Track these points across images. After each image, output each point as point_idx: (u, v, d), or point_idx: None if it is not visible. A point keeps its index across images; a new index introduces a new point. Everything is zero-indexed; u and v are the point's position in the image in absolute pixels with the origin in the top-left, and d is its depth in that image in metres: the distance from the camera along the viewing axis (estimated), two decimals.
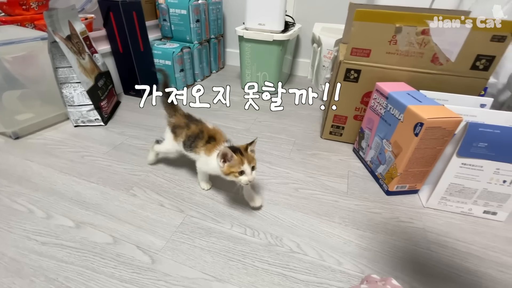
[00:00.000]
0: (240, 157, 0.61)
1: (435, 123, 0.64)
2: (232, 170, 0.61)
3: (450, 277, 0.58)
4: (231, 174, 0.61)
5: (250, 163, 0.61)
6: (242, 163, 0.60)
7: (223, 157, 0.61)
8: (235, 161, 0.60)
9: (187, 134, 0.72)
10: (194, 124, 0.72)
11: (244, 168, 0.60)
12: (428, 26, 0.75)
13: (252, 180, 0.62)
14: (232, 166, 0.61)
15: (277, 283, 0.55)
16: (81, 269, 0.56)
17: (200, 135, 0.70)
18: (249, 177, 0.61)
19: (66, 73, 0.96)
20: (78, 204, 0.71)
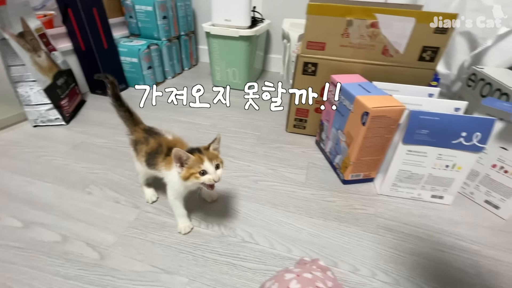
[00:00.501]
0: (198, 156, 0.53)
1: (380, 112, 0.67)
2: (192, 171, 0.53)
3: (393, 258, 0.61)
4: (192, 177, 0.53)
5: (212, 160, 0.54)
6: (202, 161, 0.53)
7: (178, 160, 0.53)
8: (192, 161, 0.53)
9: (146, 152, 0.63)
10: (153, 138, 0.64)
11: (205, 167, 0.53)
12: (376, 19, 0.78)
13: (217, 179, 0.53)
14: (190, 167, 0.53)
15: (225, 272, 0.56)
16: (25, 269, 0.55)
17: (159, 150, 0.61)
18: (213, 175, 0.53)
19: (20, 72, 0.93)
20: (30, 204, 0.69)
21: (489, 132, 0.64)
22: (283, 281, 0.36)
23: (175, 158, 0.52)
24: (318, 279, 0.35)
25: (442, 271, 0.59)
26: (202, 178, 0.53)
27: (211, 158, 0.54)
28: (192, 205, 0.72)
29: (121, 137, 0.99)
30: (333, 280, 0.36)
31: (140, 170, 0.69)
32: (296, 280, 0.35)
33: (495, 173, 0.71)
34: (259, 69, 1.66)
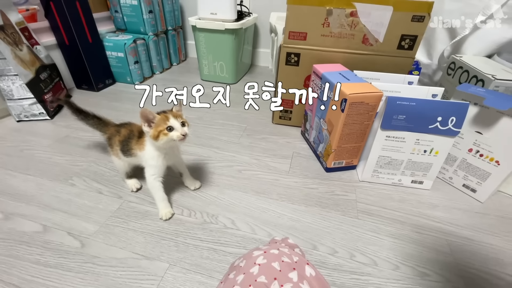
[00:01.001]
0: (164, 114, 0.57)
1: (357, 98, 0.68)
2: (160, 129, 0.55)
3: (371, 241, 0.62)
4: (161, 135, 0.56)
5: (177, 118, 0.57)
6: (167, 119, 0.56)
7: (146, 120, 0.56)
8: (159, 119, 0.56)
9: (119, 140, 0.67)
10: (123, 127, 0.68)
11: (171, 123, 0.56)
12: (355, 8, 0.79)
13: (184, 133, 0.56)
14: (158, 125, 0.56)
15: (205, 257, 0.57)
16: (4, 258, 0.55)
17: (131, 135, 0.65)
18: (180, 130, 0.56)
19: (1, 65, 0.92)
20: (10, 196, 0.69)
21: (463, 116, 0.66)
22: (250, 258, 0.36)
23: (142, 118, 0.55)
24: (284, 255, 0.36)
25: (418, 251, 0.60)
26: (170, 134, 0.56)
27: (176, 116, 0.57)
28: (175, 193, 0.73)
29: None
30: (300, 256, 0.37)
31: (118, 164, 0.71)
32: (262, 256, 0.36)
33: (472, 157, 0.73)
34: (247, 63, 1.66)
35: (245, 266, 0.35)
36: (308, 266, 0.35)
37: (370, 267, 0.56)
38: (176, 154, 0.69)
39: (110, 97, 1.27)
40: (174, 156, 0.67)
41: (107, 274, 0.53)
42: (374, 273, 0.55)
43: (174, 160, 0.68)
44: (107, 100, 1.23)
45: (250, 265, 0.35)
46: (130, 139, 0.65)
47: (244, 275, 0.33)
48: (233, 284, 0.33)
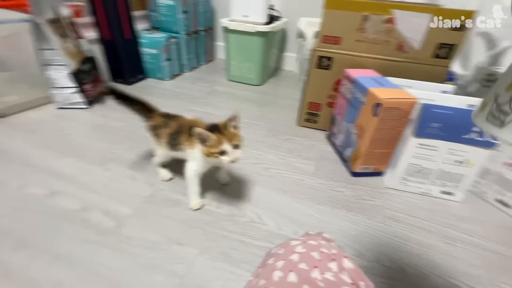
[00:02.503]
0: (219, 136, 0.55)
1: (392, 104, 0.68)
2: (212, 151, 0.55)
3: (399, 247, 0.61)
4: (212, 156, 0.56)
5: (231, 140, 0.55)
6: (221, 142, 0.55)
7: (200, 139, 0.56)
8: (213, 140, 0.55)
9: (168, 133, 0.66)
10: (172, 120, 0.68)
11: (224, 148, 0.55)
12: (393, 14, 0.79)
13: (234, 160, 0.56)
14: (211, 146, 0.55)
15: (233, 247, 0.58)
16: (48, 231, 0.59)
17: (181, 130, 0.64)
18: (230, 156, 0.55)
19: (50, 55, 0.99)
20: (53, 176, 0.74)
21: None
22: (289, 247, 0.37)
23: (197, 136, 0.55)
24: (322, 246, 0.37)
25: (448, 262, 0.59)
26: (221, 157, 0.56)
27: (230, 138, 0.56)
28: (205, 185, 0.75)
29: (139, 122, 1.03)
30: (337, 249, 0.37)
31: (159, 153, 0.72)
32: (301, 245, 0.37)
33: (508, 171, 0.71)
34: (273, 67, 1.68)
35: (284, 253, 0.36)
36: (346, 259, 0.36)
37: (398, 273, 0.56)
38: None
39: (141, 91, 1.32)
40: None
41: (141, 254, 0.55)
42: (402, 279, 0.55)
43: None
44: (139, 94, 1.28)
45: (289, 252, 0.36)
46: (180, 134, 0.64)
47: (284, 261, 0.35)
48: (273, 268, 0.34)
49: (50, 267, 0.52)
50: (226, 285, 0.51)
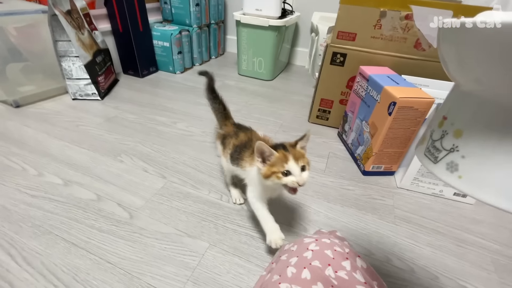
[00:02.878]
0: (283, 153, 0.47)
1: (407, 103, 0.67)
2: (274, 170, 0.46)
3: (409, 248, 0.61)
4: (273, 176, 0.46)
5: (298, 160, 0.46)
6: (286, 160, 0.46)
7: (261, 155, 0.48)
8: (276, 158, 0.47)
9: (234, 144, 0.60)
10: (243, 132, 0.62)
11: (289, 167, 0.45)
12: (411, 11, 0.77)
13: (302, 182, 0.46)
14: (273, 165, 0.46)
15: (244, 241, 0.59)
16: (65, 219, 0.60)
17: (247, 145, 0.57)
18: (298, 178, 0.45)
19: (65, 47, 1.00)
20: (68, 165, 0.76)
21: None
22: (302, 244, 0.38)
23: (257, 152, 0.47)
24: (336, 245, 0.37)
25: (459, 264, 0.58)
26: (284, 179, 0.46)
27: (297, 158, 0.47)
28: (214, 178, 0.76)
29: (150, 114, 1.05)
30: (350, 248, 0.37)
31: (225, 166, 0.66)
32: (315, 243, 0.37)
33: None
34: (284, 61, 1.67)
35: (297, 250, 0.37)
36: (359, 259, 0.36)
37: (407, 274, 0.56)
38: None
39: (153, 84, 1.33)
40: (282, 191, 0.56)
41: (153, 245, 0.57)
42: (412, 280, 0.54)
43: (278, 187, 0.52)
44: (150, 86, 1.30)
45: (303, 250, 0.36)
46: (245, 148, 0.57)
47: (297, 258, 0.35)
48: (286, 264, 0.35)
49: (67, 254, 0.53)
50: (236, 279, 0.52)
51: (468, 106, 0.23)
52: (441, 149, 0.24)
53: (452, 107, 0.25)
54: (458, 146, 0.23)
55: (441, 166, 0.24)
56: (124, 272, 0.51)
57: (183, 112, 1.09)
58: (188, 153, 0.85)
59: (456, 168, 0.23)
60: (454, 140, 0.23)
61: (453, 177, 0.23)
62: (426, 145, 0.27)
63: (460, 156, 0.23)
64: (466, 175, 0.22)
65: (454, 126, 0.24)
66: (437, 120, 0.26)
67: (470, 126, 0.22)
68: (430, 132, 0.27)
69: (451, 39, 0.23)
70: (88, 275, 0.50)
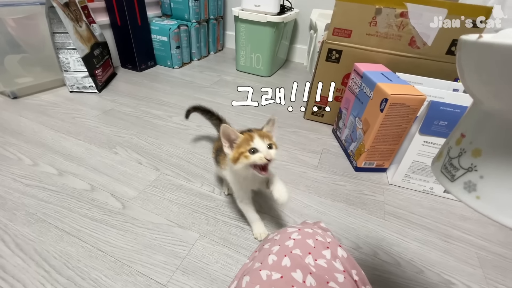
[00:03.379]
0: (249, 134, 0.48)
1: (399, 100, 0.67)
2: (241, 150, 0.47)
3: (396, 243, 0.62)
4: (242, 157, 0.47)
5: (264, 138, 0.48)
6: (252, 139, 0.47)
7: (227, 139, 0.49)
8: (242, 139, 0.48)
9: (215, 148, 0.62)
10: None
11: (255, 144, 0.46)
12: (406, 8, 0.77)
13: (269, 156, 0.46)
14: (239, 146, 0.47)
15: (233, 233, 0.60)
16: (58, 208, 0.61)
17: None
18: (264, 153, 0.46)
19: (63, 39, 1.00)
20: (64, 156, 0.77)
21: None
22: (285, 233, 0.39)
23: (223, 136, 0.48)
24: (318, 234, 0.38)
25: (445, 259, 0.59)
26: (252, 157, 0.46)
27: (263, 136, 0.48)
28: (207, 171, 0.77)
29: (147, 108, 1.06)
30: (332, 238, 0.38)
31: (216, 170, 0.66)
32: (297, 232, 0.38)
33: None
34: (283, 58, 1.67)
35: (280, 239, 0.37)
36: (340, 248, 0.37)
37: (393, 267, 0.57)
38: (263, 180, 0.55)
39: (151, 78, 1.34)
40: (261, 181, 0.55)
41: (144, 235, 0.58)
42: (397, 273, 0.56)
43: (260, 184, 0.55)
44: (148, 80, 1.30)
45: (285, 239, 0.37)
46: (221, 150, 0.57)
47: (279, 246, 0.36)
48: (268, 253, 0.36)
49: (59, 241, 0.54)
50: (224, 268, 0.53)
51: (487, 125, 0.23)
52: (459, 168, 0.24)
53: (470, 125, 0.25)
54: (477, 166, 0.23)
55: (459, 185, 0.24)
56: (115, 260, 0.52)
57: (179, 106, 1.09)
58: (183, 146, 0.86)
59: (474, 188, 0.23)
60: (473, 159, 0.23)
61: (471, 197, 0.23)
62: (443, 162, 0.26)
63: (479, 176, 0.22)
64: (484, 195, 0.22)
65: (473, 145, 0.23)
66: (455, 137, 0.26)
67: (490, 146, 0.22)
68: (448, 149, 0.26)
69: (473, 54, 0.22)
70: (79, 262, 0.51)
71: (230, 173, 0.56)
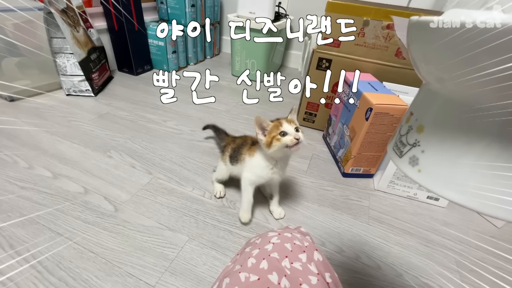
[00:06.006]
0: (278, 121, 0.57)
1: (383, 109, 0.70)
2: (273, 135, 0.55)
3: (379, 247, 0.64)
4: (274, 141, 0.55)
5: (290, 123, 0.56)
6: (281, 124, 0.55)
7: (260, 128, 0.58)
8: (272, 126, 0.56)
9: (232, 148, 0.70)
10: (240, 138, 0.74)
11: (284, 128, 0.55)
12: (392, 21, 0.80)
13: (298, 137, 0.54)
14: (271, 132, 0.56)
15: (221, 236, 0.62)
16: (52, 210, 0.63)
17: (244, 143, 0.68)
18: (293, 134, 0.54)
19: (60, 44, 1.03)
20: (59, 159, 0.79)
21: None
22: (266, 237, 0.41)
23: (257, 125, 0.57)
24: (296, 239, 0.40)
25: (424, 263, 0.62)
26: (283, 139, 0.54)
27: (289, 122, 0.57)
28: (199, 176, 0.79)
29: (142, 112, 1.08)
30: (310, 242, 0.41)
31: (221, 169, 0.72)
32: (277, 237, 0.40)
33: None
34: (278, 63, 1.70)
35: (260, 243, 0.40)
36: (316, 252, 0.39)
37: (374, 270, 0.59)
38: (283, 170, 0.64)
39: (146, 82, 1.36)
40: (281, 171, 0.63)
41: (135, 237, 0.60)
42: (377, 276, 0.58)
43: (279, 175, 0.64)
44: (144, 85, 1.33)
45: (265, 242, 0.39)
46: (242, 146, 0.68)
47: (259, 250, 0.38)
48: (248, 256, 0.38)
49: (52, 243, 0.56)
50: (211, 270, 0.55)
51: (430, 103, 0.25)
52: (406, 144, 0.26)
53: (418, 103, 0.27)
54: (420, 141, 0.25)
55: (405, 160, 0.26)
56: (106, 261, 0.54)
57: (173, 110, 1.12)
58: (176, 150, 0.88)
59: (417, 162, 0.25)
60: (417, 135, 0.25)
61: (414, 170, 0.25)
62: (395, 140, 0.29)
63: (421, 150, 0.24)
64: (424, 169, 0.24)
65: (418, 122, 0.25)
66: (406, 116, 0.28)
67: (431, 123, 0.24)
68: (399, 128, 0.29)
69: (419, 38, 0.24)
70: (71, 263, 0.53)
71: (258, 159, 0.62)
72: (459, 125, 0.22)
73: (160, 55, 1.44)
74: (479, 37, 0.18)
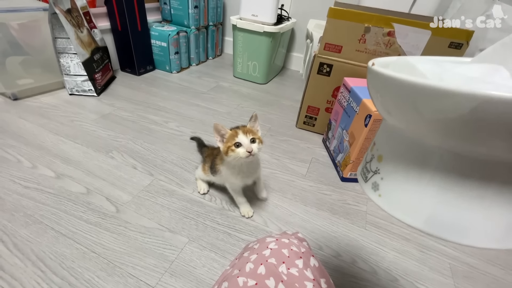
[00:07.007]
0: (235, 130, 0.57)
1: None
2: (228, 144, 0.56)
3: (375, 252, 0.66)
4: (229, 151, 0.56)
5: (247, 134, 0.56)
6: (237, 134, 0.56)
7: (218, 134, 0.58)
8: (229, 135, 0.57)
9: (210, 158, 0.71)
10: (216, 149, 0.71)
11: (239, 139, 0.55)
12: (393, 28, 0.81)
13: (250, 149, 0.54)
14: (227, 141, 0.57)
15: (221, 238, 0.63)
16: (55, 210, 0.65)
17: (219, 153, 0.66)
18: (246, 146, 0.54)
19: (64, 44, 1.04)
20: (62, 159, 0.80)
21: None
22: (264, 242, 0.42)
23: (215, 132, 0.58)
24: (293, 244, 0.41)
25: (419, 268, 0.63)
26: (237, 150, 0.55)
27: (246, 132, 0.56)
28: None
29: (144, 113, 1.09)
30: (307, 248, 0.42)
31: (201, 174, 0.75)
32: (274, 242, 0.41)
33: None
34: (279, 65, 1.71)
35: (258, 248, 0.41)
36: (313, 258, 0.40)
37: (370, 275, 0.60)
38: (255, 172, 0.67)
39: (149, 82, 1.37)
40: (253, 174, 0.66)
41: (136, 238, 0.61)
42: (373, 281, 0.59)
43: (253, 177, 0.67)
44: (146, 85, 1.34)
45: (263, 248, 0.40)
46: (217, 155, 0.67)
47: (257, 255, 0.39)
48: (246, 261, 0.39)
49: (55, 243, 0.58)
50: (210, 272, 0.56)
51: (388, 136, 0.27)
52: (370, 170, 0.29)
53: (379, 135, 0.30)
54: (380, 169, 0.27)
55: (369, 185, 0.29)
56: (107, 261, 0.56)
57: (175, 112, 1.13)
58: (177, 152, 0.90)
59: (377, 187, 0.27)
60: (378, 163, 0.28)
61: (376, 195, 0.27)
62: (362, 166, 0.31)
63: (380, 177, 0.27)
64: (384, 194, 0.27)
65: (378, 152, 0.28)
66: (371, 145, 0.31)
67: (389, 153, 0.27)
68: (366, 155, 0.31)
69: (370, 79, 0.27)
70: (73, 262, 0.54)
71: (225, 167, 0.63)
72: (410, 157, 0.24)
73: (163, 55, 1.45)
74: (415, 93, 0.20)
